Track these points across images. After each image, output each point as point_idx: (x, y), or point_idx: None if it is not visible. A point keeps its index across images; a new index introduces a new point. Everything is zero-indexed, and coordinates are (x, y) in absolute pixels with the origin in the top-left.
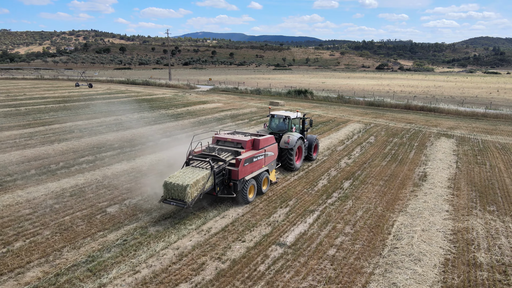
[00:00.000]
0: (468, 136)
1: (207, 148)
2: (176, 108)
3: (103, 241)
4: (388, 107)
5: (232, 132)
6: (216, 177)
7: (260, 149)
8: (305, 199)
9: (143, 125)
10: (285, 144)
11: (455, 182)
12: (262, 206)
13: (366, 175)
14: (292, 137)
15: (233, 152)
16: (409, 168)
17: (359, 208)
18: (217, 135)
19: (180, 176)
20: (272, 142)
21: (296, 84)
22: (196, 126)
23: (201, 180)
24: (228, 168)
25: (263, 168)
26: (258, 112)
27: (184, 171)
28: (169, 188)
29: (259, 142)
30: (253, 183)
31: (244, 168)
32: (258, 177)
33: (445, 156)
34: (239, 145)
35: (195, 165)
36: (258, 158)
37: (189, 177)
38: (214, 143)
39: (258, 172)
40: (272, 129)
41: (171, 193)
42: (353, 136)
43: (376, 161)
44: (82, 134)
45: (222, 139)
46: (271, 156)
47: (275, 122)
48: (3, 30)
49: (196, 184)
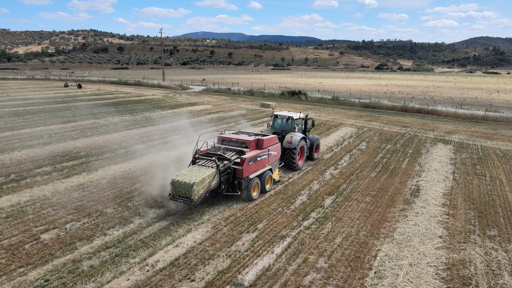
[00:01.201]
0: (467, 141)
1: (212, 147)
2: (161, 111)
3: (20, 281)
4: (384, 109)
5: (237, 132)
6: (222, 175)
7: (264, 148)
8: (277, 221)
9: (121, 129)
10: (288, 144)
11: (451, 198)
12: (226, 230)
13: (352, 190)
14: (295, 137)
15: (238, 152)
16: (401, 181)
17: (339, 232)
18: (222, 134)
19: (187, 174)
20: (275, 142)
21: (292, 85)
22: (177, 131)
23: (207, 178)
24: (233, 166)
25: (267, 167)
26: (247, 115)
27: (191, 169)
28: (176, 186)
29: (263, 141)
30: (257, 181)
31: (248, 167)
32: (262, 175)
33: (441, 166)
34: (243, 144)
35: (201, 164)
36: (262, 157)
37: (196, 175)
38: (219, 142)
39: (262, 171)
40: (275, 129)
41: (178, 191)
42: (343, 142)
43: (365, 171)
44: (50, 140)
45: (227, 139)
46: (275, 156)
47: (278, 122)
48: (2, 29)
49: (202, 182)
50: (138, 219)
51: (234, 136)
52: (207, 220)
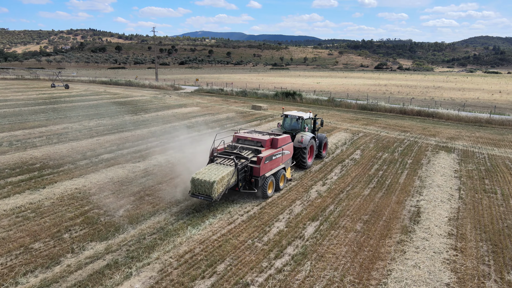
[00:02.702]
0: (472, 149)
1: (228, 146)
2: (145, 113)
3: None
4: (382, 111)
5: (250, 131)
6: (239, 173)
7: (278, 147)
8: (244, 260)
9: (93, 135)
10: (299, 143)
11: (459, 225)
12: (176, 275)
13: (340, 212)
14: (305, 136)
15: (254, 150)
16: (398, 200)
17: (319, 278)
18: (237, 134)
19: (206, 173)
20: (288, 141)
21: (289, 85)
22: (154, 137)
23: (226, 176)
24: (250, 165)
25: (281, 166)
26: (235, 118)
27: (209, 167)
28: (196, 184)
29: (278, 141)
30: (272, 179)
31: (264, 165)
32: (276, 174)
33: (445, 181)
34: (258, 143)
35: (219, 162)
36: (277, 156)
37: (215, 174)
38: (235, 141)
39: (276, 169)
40: (285, 129)
41: (198, 189)
42: (335, 150)
43: (357, 188)
44: (8, 149)
45: (243, 138)
46: (288, 155)
47: (288, 122)
48: (1, 29)
49: (222, 180)
50: (69, 259)
51: (249, 136)
52: (155, 259)
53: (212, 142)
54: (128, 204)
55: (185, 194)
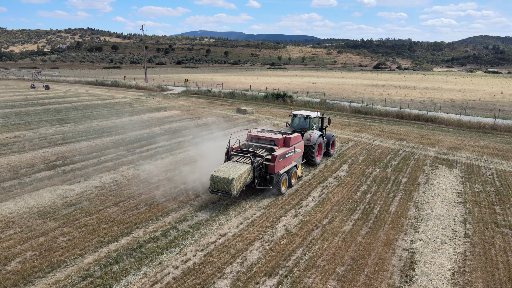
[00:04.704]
0: (477, 162)
1: (243, 144)
2: (117, 118)
3: None
4: (377, 115)
5: (263, 131)
6: (255, 171)
7: (291, 146)
8: None
9: (43, 145)
10: (308, 141)
11: (466, 284)
12: None
13: (309, 261)
14: (314, 134)
15: (268, 149)
16: (387, 239)
17: None
18: (251, 133)
19: (225, 170)
20: (299, 140)
21: (284, 85)
22: (114, 148)
23: (244, 174)
24: (265, 163)
25: (293, 163)
26: (216, 123)
27: (227, 165)
28: (215, 181)
29: (290, 139)
30: (285, 176)
31: (279, 163)
32: (289, 171)
33: (447, 209)
34: (272, 142)
35: (236, 160)
36: (289, 154)
37: (233, 171)
38: (248, 140)
39: (289, 166)
40: (294, 128)
41: (217, 186)
42: (319, 165)
43: (336, 220)
44: None
45: (256, 137)
46: (299, 153)
47: (296, 121)
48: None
49: (240, 177)
50: None
51: (263, 135)
52: None
53: (227, 140)
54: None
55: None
